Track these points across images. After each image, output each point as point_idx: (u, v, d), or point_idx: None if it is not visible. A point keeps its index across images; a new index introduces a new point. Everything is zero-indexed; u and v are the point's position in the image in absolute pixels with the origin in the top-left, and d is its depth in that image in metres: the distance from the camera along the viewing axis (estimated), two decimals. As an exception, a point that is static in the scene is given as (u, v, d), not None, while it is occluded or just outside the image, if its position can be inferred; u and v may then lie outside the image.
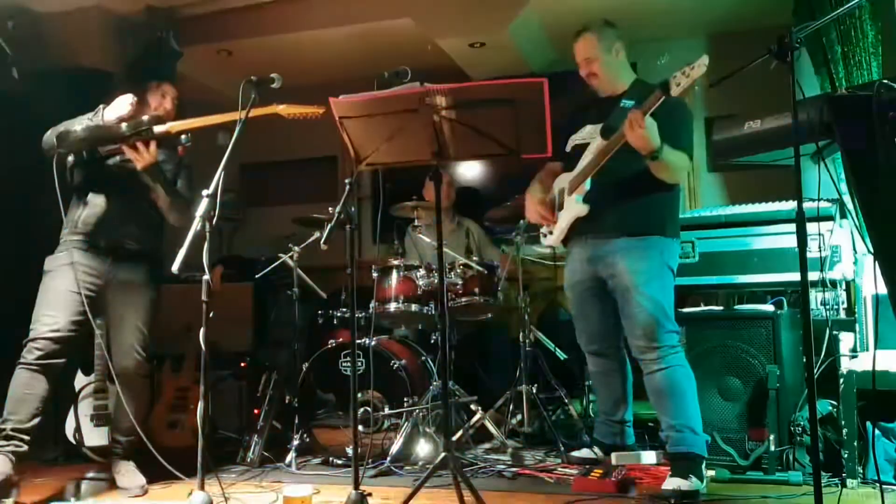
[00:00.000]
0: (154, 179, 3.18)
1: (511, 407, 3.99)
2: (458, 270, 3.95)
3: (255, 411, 3.83)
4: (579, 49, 3.18)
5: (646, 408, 3.41)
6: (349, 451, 3.45)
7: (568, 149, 3.24)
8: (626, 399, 3.32)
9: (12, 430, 3.03)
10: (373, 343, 3.68)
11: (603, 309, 3.16)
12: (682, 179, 3.04)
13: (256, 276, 4.49)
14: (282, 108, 3.05)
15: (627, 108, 2.98)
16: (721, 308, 3.49)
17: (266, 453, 3.75)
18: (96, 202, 3.21)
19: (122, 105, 3.13)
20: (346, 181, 2.84)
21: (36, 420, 3.04)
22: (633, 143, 2.82)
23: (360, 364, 3.61)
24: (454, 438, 3.57)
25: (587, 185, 3.06)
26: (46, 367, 3.05)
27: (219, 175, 2.94)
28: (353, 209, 2.87)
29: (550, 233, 3.27)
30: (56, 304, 3.11)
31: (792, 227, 3.14)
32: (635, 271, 2.98)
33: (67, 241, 3.19)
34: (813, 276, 3.12)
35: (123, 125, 3.11)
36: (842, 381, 2.99)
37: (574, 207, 3.09)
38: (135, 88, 3.26)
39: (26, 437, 3.04)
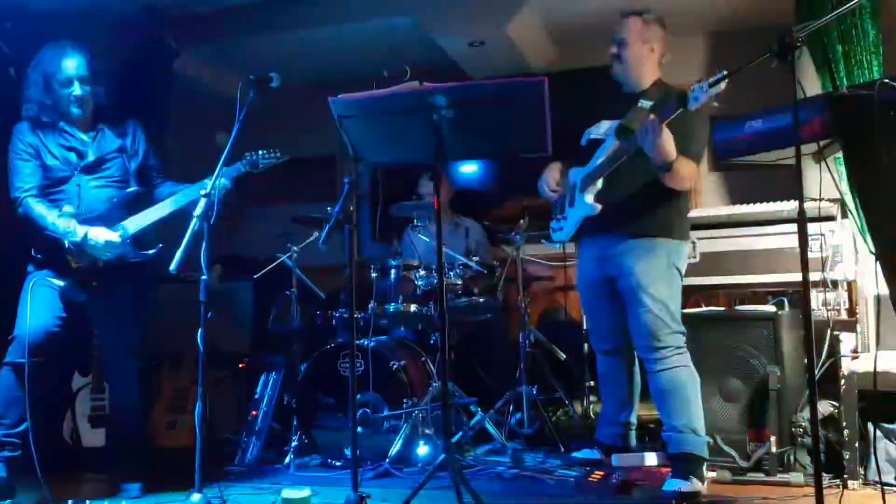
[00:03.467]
0: None
1: (511, 408, 3.98)
2: (458, 270, 3.93)
3: (254, 412, 3.82)
4: (619, 27, 3.15)
5: (647, 409, 3.40)
6: (348, 452, 3.44)
7: (583, 142, 3.21)
8: (632, 401, 3.31)
9: (4, 436, 3.02)
10: (372, 344, 3.67)
11: (613, 308, 3.15)
12: (689, 187, 3.01)
13: (255, 276, 4.48)
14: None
15: (644, 108, 2.95)
16: (722, 308, 3.47)
17: (264, 454, 3.74)
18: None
19: (107, 235, 3.07)
20: (345, 180, 2.83)
21: (26, 423, 3.00)
22: (648, 153, 2.81)
23: (359, 365, 3.60)
24: (454, 440, 3.56)
25: (599, 184, 3.04)
26: (32, 366, 2.98)
27: (217, 175, 2.93)
28: (351, 209, 2.86)
29: (561, 229, 3.26)
30: (41, 301, 3.06)
31: (793, 227, 3.14)
32: (642, 272, 2.97)
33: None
34: (814, 276, 3.10)
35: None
36: (843, 381, 2.98)
37: (585, 206, 3.07)
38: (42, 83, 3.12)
39: (18, 442, 3.02)
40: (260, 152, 3.21)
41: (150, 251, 3.20)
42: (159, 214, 3.18)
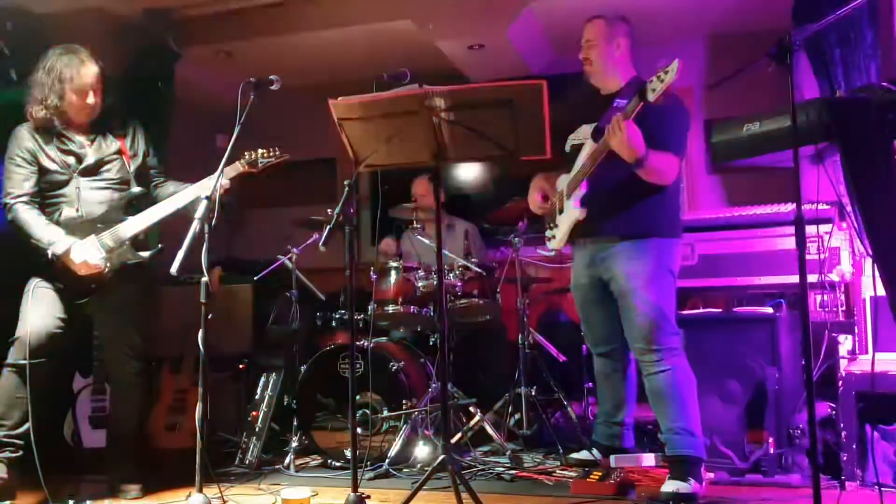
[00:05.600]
0: None
1: (510, 409, 3.98)
2: (457, 272, 3.94)
3: (254, 413, 3.82)
4: (585, 31, 3.17)
5: (645, 410, 3.41)
6: (348, 453, 3.45)
7: (567, 149, 3.23)
8: (627, 401, 3.31)
9: (5, 436, 3.03)
10: (371, 345, 3.67)
11: (607, 311, 3.15)
12: (671, 180, 3.01)
13: (255, 278, 4.49)
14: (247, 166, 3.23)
15: (619, 107, 2.97)
16: (720, 310, 3.48)
17: (264, 455, 3.75)
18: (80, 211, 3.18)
19: (89, 257, 3.05)
20: (345, 183, 2.84)
21: (28, 424, 3.02)
22: (617, 151, 2.82)
23: (358, 366, 3.61)
24: (453, 441, 3.57)
25: (583, 188, 3.06)
26: (33, 367, 3.00)
27: (217, 176, 2.94)
28: (351, 211, 2.87)
29: (554, 237, 3.27)
30: (43, 301, 3.08)
31: (791, 229, 3.16)
32: (633, 274, 2.97)
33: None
34: (812, 278, 3.12)
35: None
36: (840, 383, 2.99)
37: (572, 211, 3.09)
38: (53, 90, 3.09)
39: (20, 443, 3.03)
40: (259, 151, 3.23)
41: (148, 252, 3.21)
42: (159, 215, 3.18)
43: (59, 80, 3.08)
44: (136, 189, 3.26)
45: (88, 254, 3.05)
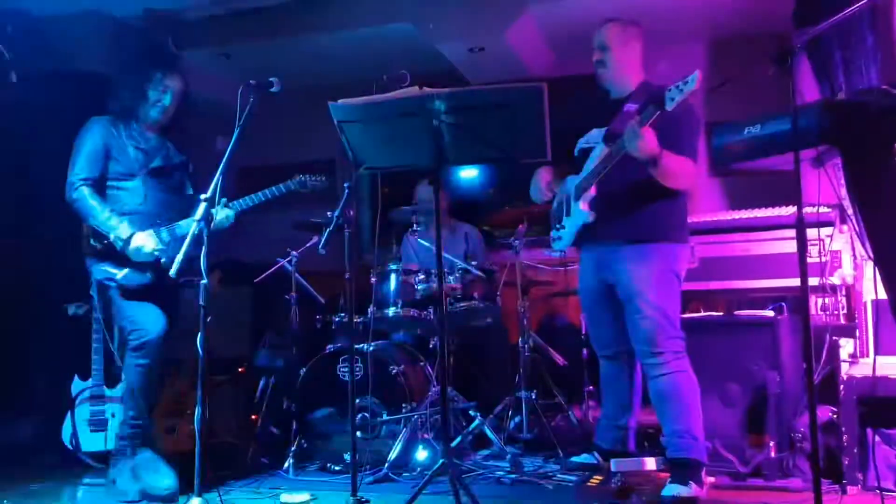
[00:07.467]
0: None
1: (510, 413, 3.97)
2: (457, 275, 3.94)
3: (253, 417, 3.81)
4: (599, 35, 3.16)
5: (647, 413, 3.40)
6: (347, 457, 3.44)
7: (576, 152, 3.23)
8: (632, 405, 3.30)
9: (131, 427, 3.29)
10: (371, 348, 3.67)
11: (613, 314, 3.14)
12: (687, 185, 3.01)
13: (255, 281, 4.48)
14: None
15: (630, 112, 2.97)
16: (721, 314, 3.47)
17: (264, 459, 3.74)
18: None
19: (148, 243, 3.22)
20: (345, 185, 2.84)
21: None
22: (633, 154, 2.82)
23: (358, 369, 3.60)
24: (453, 445, 3.56)
25: (592, 191, 3.05)
26: (150, 367, 3.27)
27: (217, 179, 2.94)
28: (351, 213, 2.87)
29: (560, 238, 3.27)
30: (149, 307, 3.26)
31: (792, 232, 3.16)
32: (640, 278, 2.97)
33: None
34: (813, 281, 3.11)
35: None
36: (842, 387, 2.98)
37: (581, 214, 3.08)
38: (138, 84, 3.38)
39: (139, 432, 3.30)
40: (308, 176, 3.52)
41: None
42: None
43: (142, 80, 3.40)
44: (191, 193, 3.48)
45: (146, 241, 3.22)
